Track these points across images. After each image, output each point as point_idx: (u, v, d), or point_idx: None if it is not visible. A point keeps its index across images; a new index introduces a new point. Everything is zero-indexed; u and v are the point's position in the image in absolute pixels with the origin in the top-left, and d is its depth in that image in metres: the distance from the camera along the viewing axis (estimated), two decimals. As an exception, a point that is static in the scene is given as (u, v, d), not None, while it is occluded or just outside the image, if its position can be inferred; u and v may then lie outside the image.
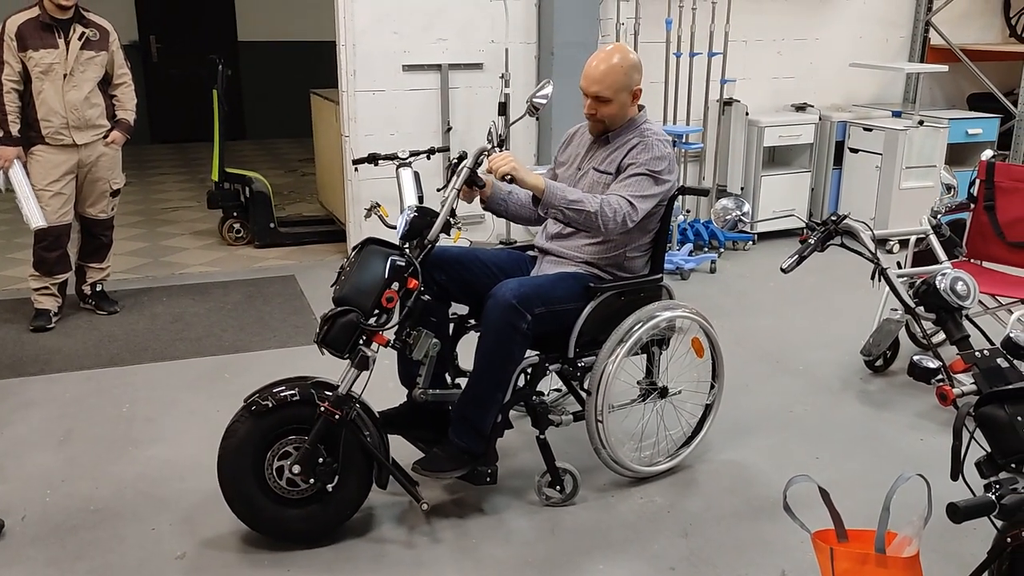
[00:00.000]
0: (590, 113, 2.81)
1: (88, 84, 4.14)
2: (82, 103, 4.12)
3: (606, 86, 2.73)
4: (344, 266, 2.64)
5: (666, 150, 2.77)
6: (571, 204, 2.62)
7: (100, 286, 4.52)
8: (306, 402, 2.51)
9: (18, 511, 2.77)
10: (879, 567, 1.95)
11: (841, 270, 5.20)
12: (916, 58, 6.48)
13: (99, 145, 4.25)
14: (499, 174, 2.55)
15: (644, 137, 2.79)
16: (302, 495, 2.56)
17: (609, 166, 2.80)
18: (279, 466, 2.53)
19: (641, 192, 2.71)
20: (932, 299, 2.40)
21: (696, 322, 2.96)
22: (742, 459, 3.14)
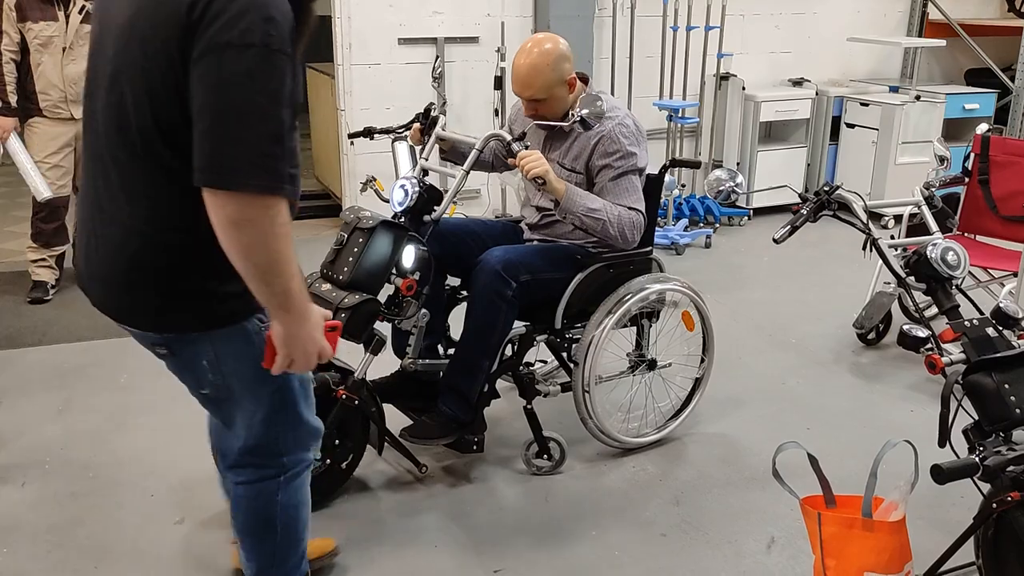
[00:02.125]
0: (531, 114, 2.75)
1: (86, 59, 4.11)
2: (81, 76, 4.08)
3: (537, 88, 2.66)
4: (341, 242, 2.56)
5: (629, 129, 2.70)
6: (591, 212, 2.61)
7: None
8: (322, 388, 2.49)
9: (18, 478, 2.80)
10: (865, 531, 1.99)
11: (835, 244, 5.23)
12: (914, 33, 6.46)
13: None
14: (531, 176, 2.52)
15: (603, 126, 2.67)
16: (315, 472, 2.58)
17: (576, 162, 2.75)
18: None
19: (636, 194, 2.71)
20: (923, 269, 2.43)
21: (687, 295, 2.98)
22: (734, 430, 3.17)
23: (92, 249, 1.66)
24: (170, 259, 1.60)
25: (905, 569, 2.00)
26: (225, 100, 1.41)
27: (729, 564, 2.45)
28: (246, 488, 1.90)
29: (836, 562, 2.02)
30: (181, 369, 1.77)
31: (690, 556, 2.49)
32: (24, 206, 5.95)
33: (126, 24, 1.51)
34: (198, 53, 1.42)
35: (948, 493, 2.64)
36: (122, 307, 1.67)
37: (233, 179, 1.42)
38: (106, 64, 1.57)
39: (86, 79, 1.65)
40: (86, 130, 1.65)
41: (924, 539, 2.42)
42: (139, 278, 1.62)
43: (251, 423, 1.81)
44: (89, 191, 1.66)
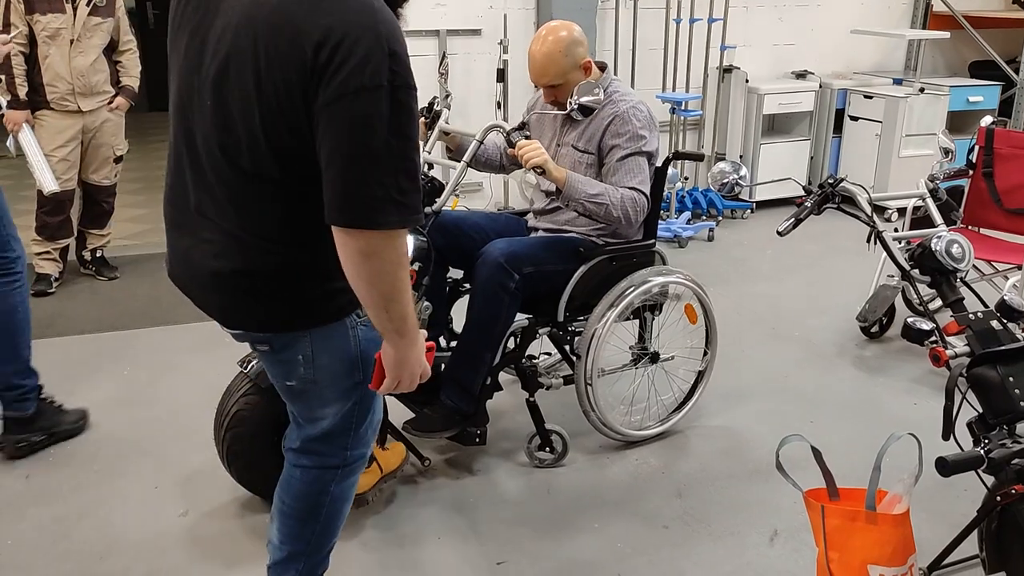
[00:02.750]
0: (550, 100, 2.79)
1: (94, 50, 4.14)
2: (88, 69, 4.12)
3: (552, 75, 2.70)
4: None
5: (643, 114, 2.74)
6: (593, 197, 2.61)
7: (100, 252, 4.53)
8: None
9: (22, 471, 2.81)
10: (869, 524, 1.98)
11: (839, 238, 5.22)
12: (918, 25, 6.43)
13: (103, 111, 4.26)
14: (530, 165, 2.54)
15: (617, 107, 2.72)
16: None
17: (589, 144, 2.76)
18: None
19: (642, 175, 2.71)
20: (927, 262, 2.42)
21: (689, 288, 2.98)
22: (737, 423, 3.17)
23: (195, 255, 1.67)
24: (277, 267, 1.62)
25: (909, 562, 2.00)
26: (359, 143, 1.43)
27: (732, 556, 2.46)
28: (304, 473, 1.92)
29: (839, 555, 2.02)
30: (274, 363, 1.78)
31: (693, 548, 2.49)
32: (26, 199, 5.96)
33: (237, 48, 1.49)
34: (328, 98, 1.42)
35: (952, 486, 2.64)
36: (227, 311, 1.70)
37: (369, 219, 1.45)
38: (207, 82, 1.54)
39: (178, 92, 1.63)
40: (182, 143, 1.64)
41: (928, 532, 2.42)
42: (247, 285, 1.64)
43: (328, 415, 1.83)
44: (188, 200, 1.65)
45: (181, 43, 1.62)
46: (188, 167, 1.64)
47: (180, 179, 1.68)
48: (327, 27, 1.41)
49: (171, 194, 1.73)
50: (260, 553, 2.43)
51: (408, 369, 1.65)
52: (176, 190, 1.70)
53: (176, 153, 1.68)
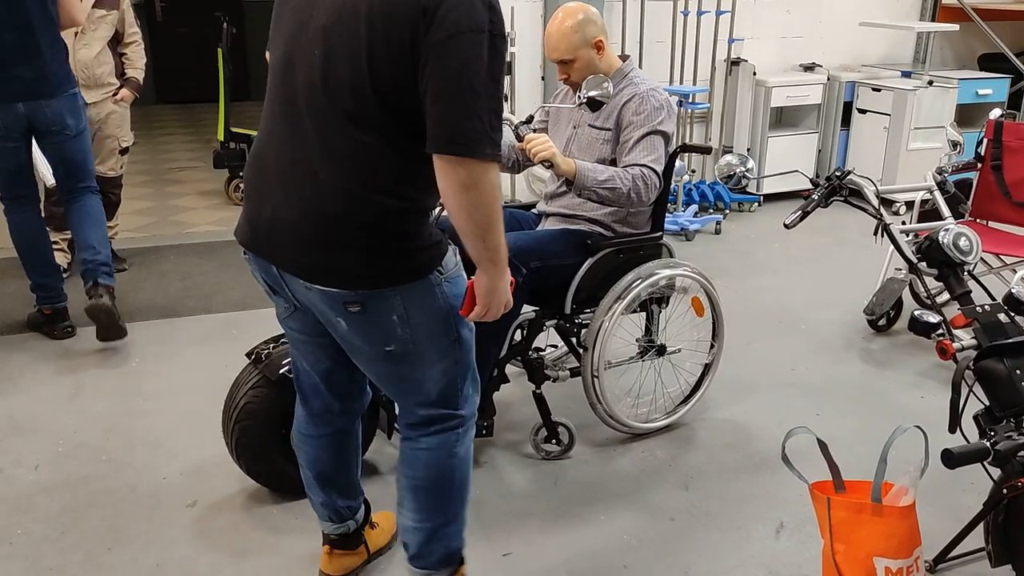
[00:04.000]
0: (563, 78, 2.82)
1: (99, 43, 4.15)
2: (92, 61, 4.14)
3: (563, 49, 2.74)
4: None
5: (662, 97, 2.77)
6: (603, 184, 2.62)
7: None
8: None
9: (32, 461, 2.83)
10: (875, 516, 1.99)
11: (845, 231, 5.21)
12: (927, 17, 6.40)
13: (108, 103, 4.27)
14: (538, 159, 2.55)
15: (637, 88, 2.78)
16: None
17: (607, 121, 2.79)
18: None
19: (656, 154, 2.71)
20: (934, 254, 2.41)
21: (696, 281, 2.98)
22: (743, 416, 3.17)
23: (287, 212, 1.73)
24: (375, 217, 1.70)
25: (914, 554, 2.00)
26: (464, 79, 1.60)
27: (738, 548, 2.46)
28: (427, 447, 1.96)
29: (845, 547, 2.02)
30: (368, 327, 1.80)
31: (699, 540, 2.49)
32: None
33: (344, 4, 1.64)
34: (439, 37, 1.58)
35: (958, 479, 2.64)
36: (320, 266, 1.74)
37: (471, 148, 1.61)
38: (317, 32, 1.67)
39: (283, 55, 1.75)
40: (279, 106, 1.76)
41: (934, 524, 2.42)
42: (344, 236, 1.71)
43: (433, 375, 1.89)
44: (283, 158, 1.75)
45: (287, 9, 1.78)
46: (286, 126, 1.74)
47: (272, 143, 1.78)
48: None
49: (258, 163, 1.82)
50: (268, 544, 2.45)
51: (496, 297, 1.80)
52: (266, 156, 1.79)
53: (271, 118, 1.79)
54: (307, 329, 1.95)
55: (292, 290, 1.85)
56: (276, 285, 1.88)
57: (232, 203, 5.78)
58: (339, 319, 1.80)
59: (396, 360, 1.85)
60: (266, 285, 1.93)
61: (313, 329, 1.94)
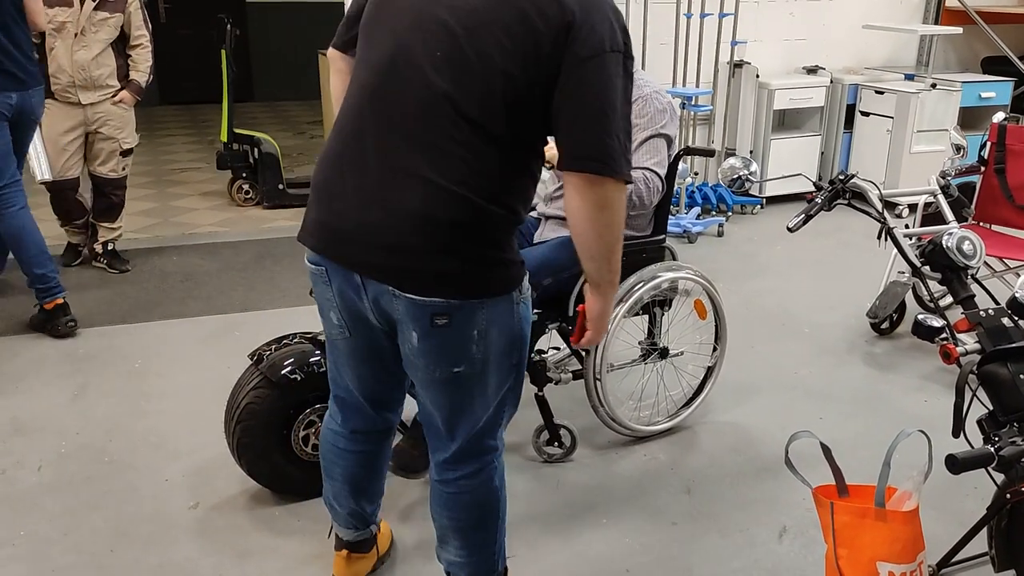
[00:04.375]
0: None
1: (99, 44, 4.15)
2: (90, 63, 4.14)
3: None
4: None
5: (665, 100, 2.76)
6: None
7: (112, 245, 4.56)
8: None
9: (34, 462, 2.83)
10: (878, 521, 1.98)
11: (848, 234, 5.21)
12: (930, 20, 6.39)
13: (107, 104, 4.27)
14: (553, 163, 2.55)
15: (640, 91, 2.75)
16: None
17: None
18: (305, 435, 2.56)
19: (658, 157, 2.71)
20: (938, 258, 2.41)
21: (699, 284, 2.97)
22: (746, 419, 3.17)
23: (381, 215, 1.66)
24: (480, 224, 1.67)
25: (918, 559, 2.00)
26: (604, 98, 1.60)
27: (741, 553, 2.46)
28: (467, 481, 1.92)
29: (848, 552, 2.01)
30: (445, 342, 1.73)
31: (701, 544, 2.49)
32: (37, 192, 5.99)
33: (479, 9, 1.61)
34: (583, 55, 1.58)
35: (961, 483, 2.64)
36: (413, 272, 1.67)
37: (611, 167, 1.61)
38: (433, 41, 1.63)
39: (388, 52, 1.68)
40: (375, 98, 1.69)
41: (937, 529, 2.42)
42: (448, 242, 1.65)
43: (487, 400, 1.84)
44: (376, 158, 1.68)
45: (396, 4, 1.71)
46: (382, 125, 1.67)
47: (359, 142, 1.70)
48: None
49: (338, 162, 1.73)
50: (270, 546, 2.45)
51: (605, 322, 1.82)
52: (350, 155, 1.71)
53: (360, 116, 1.71)
54: (359, 350, 1.88)
55: (371, 299, 1.75)
56: (349, 295, 1.77)
57: (235, 204, 5.78)
58: (416, 332, 1.72)
59: (459, 382, 1.79)
60: (336, 298, 1.80)
61: (366, 351, 1.87)
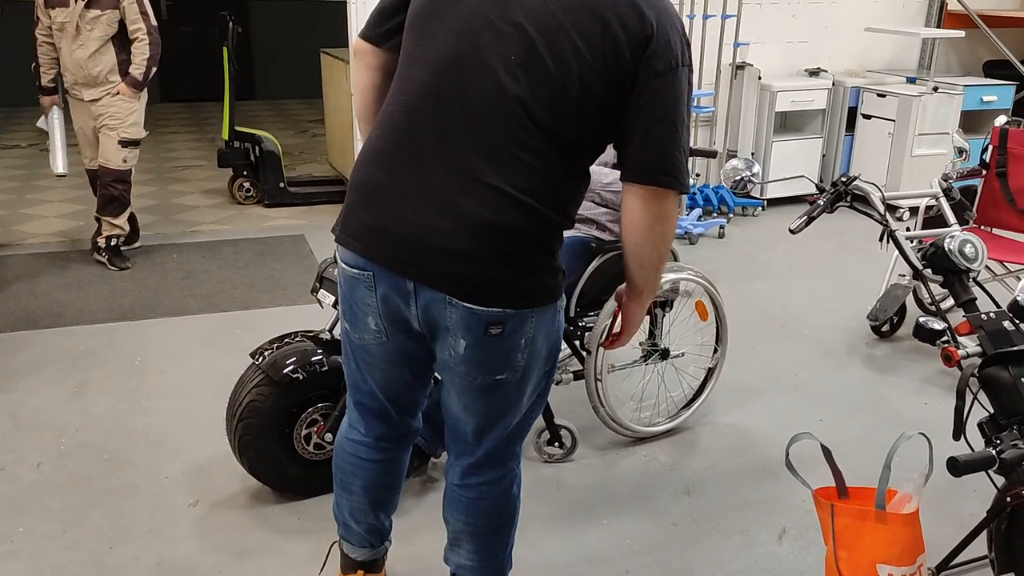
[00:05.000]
0: None
1: (95, 42, 4.21)
2: (87, 61, 4.23)
3: None
4: None
5: None
6: (608, 187, 2.63)
7: (115, 241, 4.57)
8: (335, 374, 2.51)
9: (34, 459, 2.82)
10: (878, 523, 1.98)
11: (849, 236, 5.21)
12: (933, 23, 6.39)
13: (107, 99, 4.33)
14: None
15: None
16: (328, 456, 2.59)
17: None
18: (307, 433, 2.57)
19: None
20: (940, 261, 2.41)
21: (701, 285, 2.97)
22: (746, 421, 3.17)
23: (440, 221, 1.60)
24: (540, 231, 1.65)
25: (918, 561, 2.00)
26: (674, 112, 1.61)
27: (741, 554, 2.46)
28: (489, 488, 1.91)
29: (848, 554, 2.01)
30: (493, 351, 1.69)
31: (701, 545, 2.49)
32: (40, 189, 5.99)
33: (568, 8, 1.58)
34: (659, 68, 1.59)
35: (961, 486, 2.64)
36: (475, 281, 1.62)
37: (678, 180, 1.63)
38: (505, 44, 1.58)
39: (451, 52, 1.61)
40: (432, 100, 1.62)
41: (936, 532, 2.42)
42: (511, 250, 1.62)
43: (520, 408, 1.83)
44: (433, 161, 1.61)
45: (455, 4, 1.64)
46: (441, 127, 1.61)
47: (412, 143, 1.63)
48: (655, 7, 1.61)
49: (388, 163, 1.66)
50: (269, 544, 2.45)
51: (639, 325, 1.91)
52: (402, 157, 1.64)
53: (414, 116, 1.63)
54: (392, 355, 1.81)
55: (421, 307, 1.68)
56: (394, 301, 1.70)
57: (236, 202, 5.78)
58: (465, 341, 1.67)
59: (497, 389, 1.75)
60: (379, 304, 1.72)
61: (400, 355, 1.81)
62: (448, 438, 1.92)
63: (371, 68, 1.82)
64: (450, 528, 2.00)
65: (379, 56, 1.80)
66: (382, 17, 1.78)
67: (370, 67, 1.82)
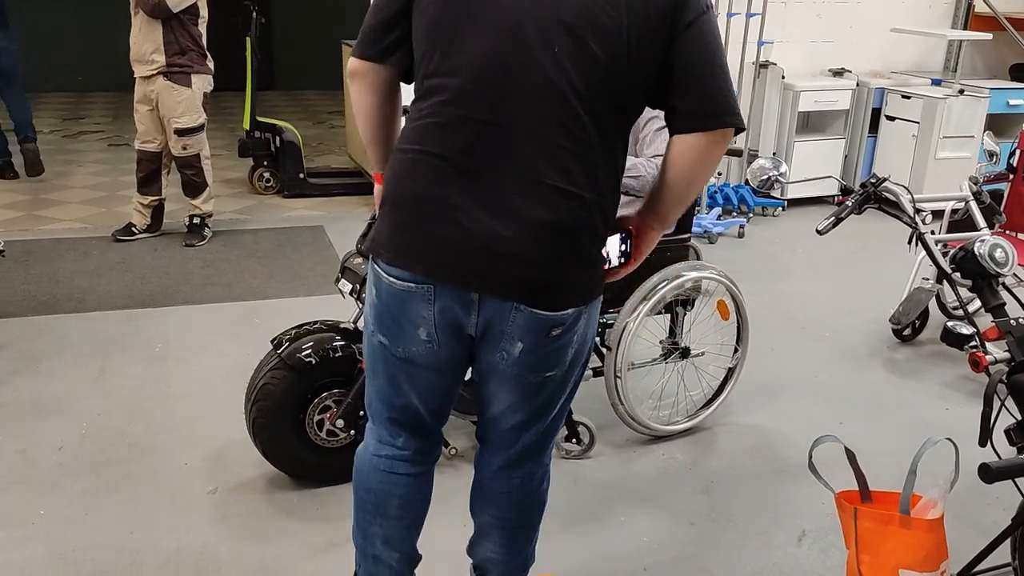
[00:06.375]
0: None
1: (144, 19, 4.34)
2: (138, 37, 4.40)
3: None
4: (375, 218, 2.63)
5: None
6: (627, 172, 2.60)
7: (198, 219, 4.77)
8: (348, 360, 2.54)
9: (55, 443, 2.84)
10: (902, 528, 1.96)
11: (871, 239, 5.17)
12: (959, 25, 6.33)
13: (158, 80, 4.42)
14: None
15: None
16: (341, 444, 2.61)
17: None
18: (319, 419, 2.58)
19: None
20: (969, 265, 2.39)
21: (722, 284, 2.96)
22: (765, 422, 3.15)
23: (507, 228, 1.54)
24: (593, 226, 1.62)
25: (941, 568, 1.98)
26: (715, 53, 1.61)
27: (759, 555, 2.44)
28: (523, 483, 1.89)
29: (871, 558, 2.00)
30: (549, 350, 1.66)
31: (719, 546, 2.48)
32: (62, 175, 6.03)
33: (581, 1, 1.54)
34: (691, 17, 1.57)
35: (984, 493, 2.61)
36: (547, 286, 1.59)
37: (739, 117, 1.63)
38: (547, 37, 1.53)
39: (489, 51, 1.54)
40: (486, 107, 1.55)
41: (958, 538, 2.39)
42: (578, 249, 1.60)
43: (563, 401, 1.82)
44: (493, 169, 1.55)
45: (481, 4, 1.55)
46: (492, 131, 1.55)
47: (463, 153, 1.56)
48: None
49: (433, 173, 1.58)
50: (287, 531, 2.46)
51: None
52: (449, 167, 1.57)
53: (460, 125, 1.56)
54: (440, 362, 1.72)
55: (484, 316, 1.62)
56: (454, 312, 1.62)
57: (255, 192, 5.79)
58: (523, 344, 1.64)
59: (546, 385, 1.73)
60: (436, 315, 1.63)
61: (447, 362, 1.73)
62: (484, 433, 1.90)
63: (374, 87, 1.71)
64: (478, 522, 1.99)
65: (381, 73, 1.69)
66: (381, 32, 1.66)
67: (373, 86, 1.71)
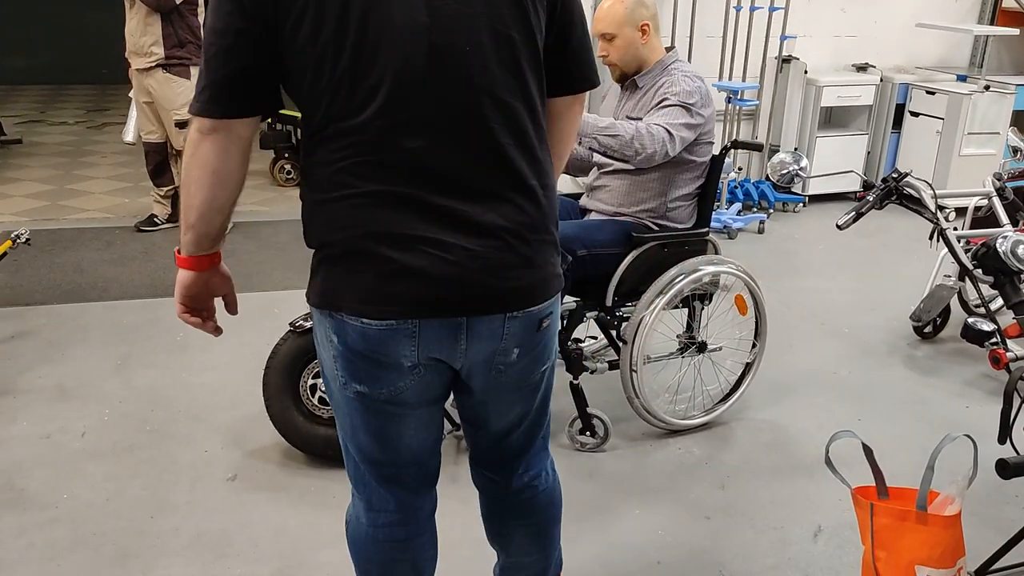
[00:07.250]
0: (602, 55, 2.81)
1: (141, 11, 4.35)
2: (135, 29, 4.40)
3: (608, 23, 2.78)
4: None
5: (696, 83, 2.74)
6: (603, 131, 2.60)
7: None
8: None
9: (78, 429, 2.89)
10: (919, 524, 1.96)
11: (891, 235, 5.12)
12: (986, 20, 6.25)
13: (157, 73, 4.44)
14: None
15: (671, 75, 2.77)
16: (329, 415, 2.66)
17: (640, 111, 2.78)
18: (312, 384, 2.65)
19: (676, 120, 2.66)
20: (991, 262, 2.37)
21: (741, 279, 2.95)
22: (782, 417, 3.14)
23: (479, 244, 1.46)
24: (554, 209, 1.60)
25: (957, 565, 1.97)
26: (583, 13, 1.60)
27: (774, 550, 2.44)
28: (541, 481, 1.87)
29: (887, 554, 1.99)
30: (541, 344, 1.63)
31: (735, 540, 2.48)
32: (86, 165, 6.10)
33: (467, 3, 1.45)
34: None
35: (1001, 490, 2.60)
36: (531, 285, 1.54)
37: (597, 75, 1.65)
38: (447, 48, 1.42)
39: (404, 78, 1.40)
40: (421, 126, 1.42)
41: (975, 535, 2.38)
42: (541, 237, 1.55)
43: (548, 402, 1.80)
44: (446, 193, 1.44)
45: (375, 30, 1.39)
46: (432, 148, 1.43)
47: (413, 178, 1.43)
48: None
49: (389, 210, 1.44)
50: (307, 519, 2.48)
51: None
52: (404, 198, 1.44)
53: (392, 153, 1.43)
54: (427, 394, 1.60)
55: (471, 337, 1.52)
56: (441, 343, 1.51)
57: (276, 184, 5.83)
58: (519, 348, 1.58)
59: (541, 381, 1.71)
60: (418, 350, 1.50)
61: (436, 391, 1.62)
62: (487, 456, 1.82)
63: (242, 141, 1.48)
64: (502, 540, 1.93)
65: (250, 126, 1.49)
66: (248, 81, 1.44)
67: (241, 140, 1.48)
